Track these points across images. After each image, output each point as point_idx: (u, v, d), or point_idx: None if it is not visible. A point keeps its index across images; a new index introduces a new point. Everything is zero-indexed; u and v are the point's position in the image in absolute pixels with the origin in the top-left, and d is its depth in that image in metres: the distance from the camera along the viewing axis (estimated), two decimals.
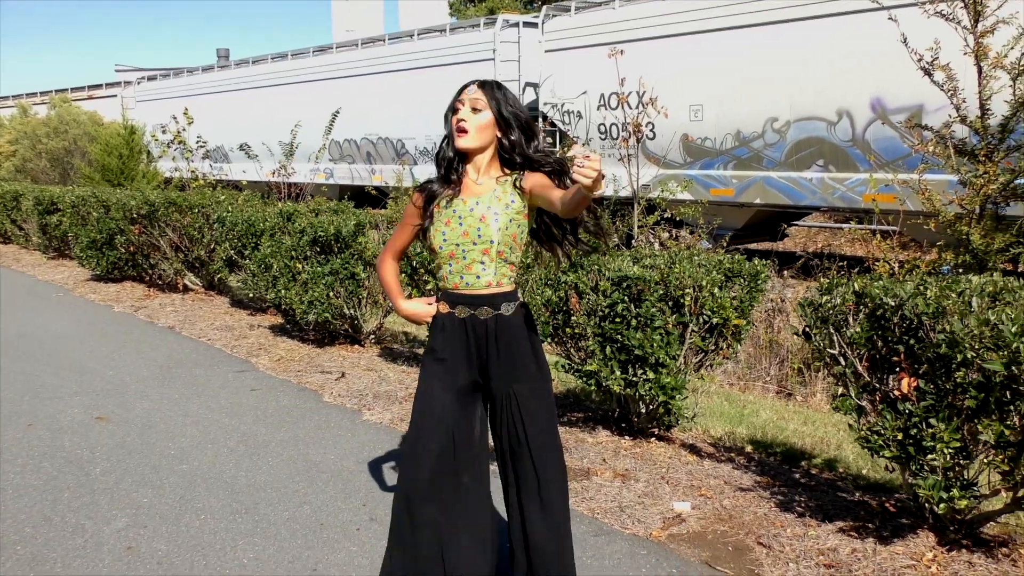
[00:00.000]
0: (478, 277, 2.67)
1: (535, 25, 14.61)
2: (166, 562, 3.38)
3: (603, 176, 2.21)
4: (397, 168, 15.92)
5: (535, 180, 2.66)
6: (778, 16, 10.99)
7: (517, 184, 2.69)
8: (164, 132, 14.15)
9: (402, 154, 17.03)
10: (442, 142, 2.76)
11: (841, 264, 8.23)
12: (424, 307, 2.84)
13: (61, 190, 12.77)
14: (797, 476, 4.23)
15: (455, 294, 2.71)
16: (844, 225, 16.20)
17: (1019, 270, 6.35)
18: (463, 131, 2.64)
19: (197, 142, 13.50)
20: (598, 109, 13.20)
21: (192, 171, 13.61)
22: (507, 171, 2.73)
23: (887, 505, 3.78)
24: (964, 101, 5.84)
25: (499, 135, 2.69)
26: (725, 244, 9.19)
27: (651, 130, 11.94)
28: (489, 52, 14.96)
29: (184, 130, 13.24)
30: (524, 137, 2.69)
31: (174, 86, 24.13)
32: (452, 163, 2.71)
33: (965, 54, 5.81)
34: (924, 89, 6.76)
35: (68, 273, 11.45)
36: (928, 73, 5.93)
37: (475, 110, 2.64)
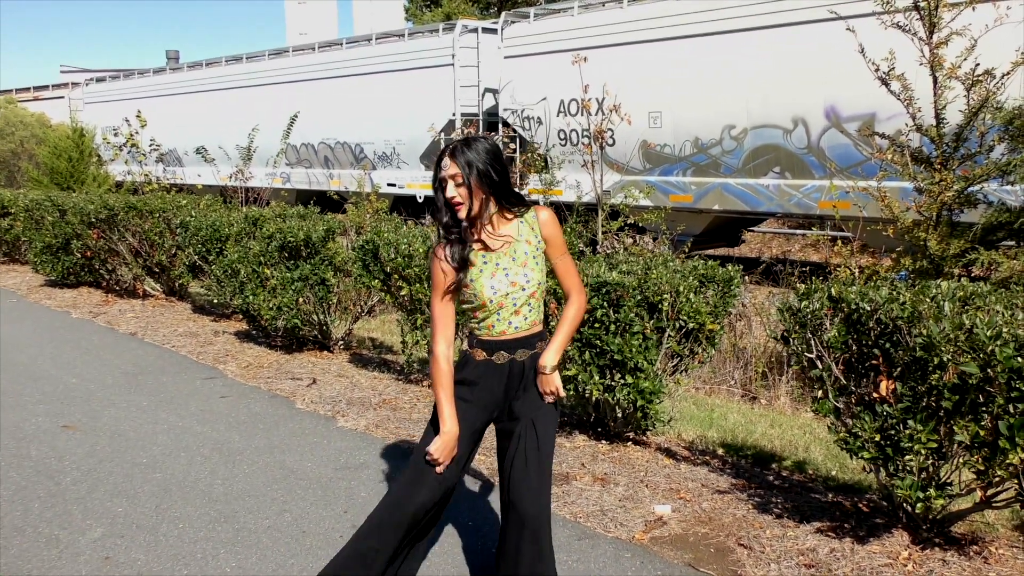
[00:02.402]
0: (525, 319, 2.78)
1: (494, 31, 14.65)
2: (146, 572, 3.33)
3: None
4: (356, 173, 15.84)
5: (548, 230, 2.83)
6: (736, 25, 11.17)
7: (535, 227, 2.80)
8: (116, 135, 13.90)
9: (361, 159, 16.95)
10: (438, 209, 2.77)
11: (803, 270, 8.38)
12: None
13: (12, 193, 12.46)
14: (771, 478, 4.31)
15: (496, 341, 2.78)
16: (799, 231, 16.55)
17: (972, 275, 6.54)
18: (459, 205, 2.71)
19: (150, 145, 13.28)
20: (558, 115, 13.28)
21: (145, 175, 13.38)
22: (509, 215, 2.80)
23: (860, 505, 3.88)
24: (920, 110, 6.01)
25: (486, 189, 2.73)
26: (687, 250, 9.31)
27: (611, 136, 12.05)
28: (448, 57, 14.97)
29: (137, 133, 13.01)
30: (503, 180, 2.75)
31: (124, 88, 23.70)
32: (461, 225, 2.75)
33: (921, 64, 5.98)
34: (877, 98, 6.95)
35: (21, 278, 11.18)
36: (885, 83, 6.09)
37: (458, 184, 2.70)
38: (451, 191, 2.70)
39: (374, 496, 4.00)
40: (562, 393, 2.83)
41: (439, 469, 2.73)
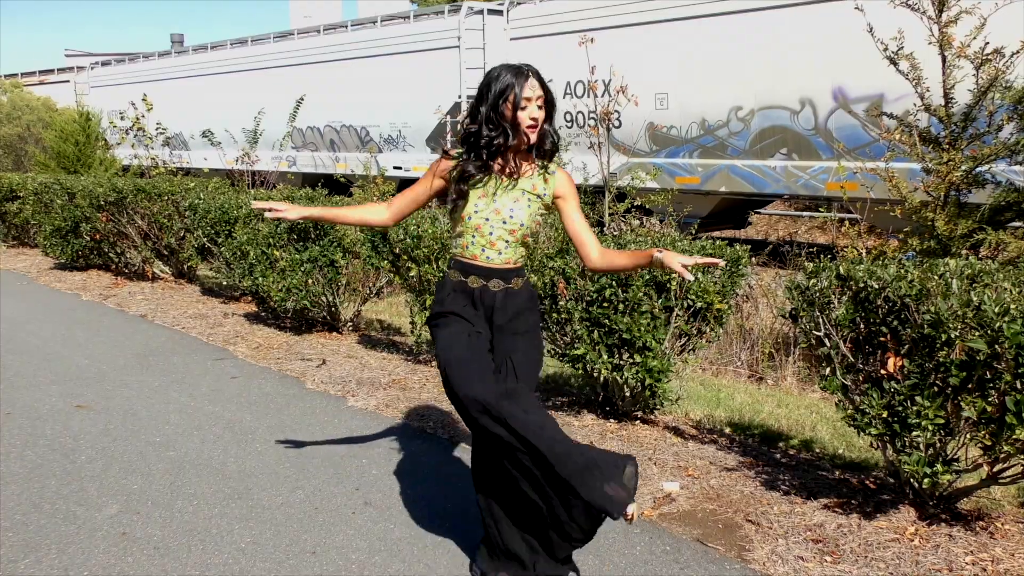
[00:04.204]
0: (499, 253, 2.84)
1: (500, 12, 14.58)
2: (162, 547, 3.38)
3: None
4: (361, 156, 15.82)
5: (563, 188, 2.91)
6: (744, 5, 11.11)
7: (550, 180, 2.87)
8: (122, 118, 13.92)
9: (367, 142, 16.94)
10: (487, 125, 2.77)
11: (810, 251, 8.39)
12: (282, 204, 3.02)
13: (21, 177, 12.51)
14: (778, 456, 4.35)
15: (471, 264, 2.85)
16: (805, 213, 16.52)
17: (980, 255, 6.55)
18: (535, 128, 2.76)
19: (157, 129, 13.30)
20: (564, 97, 13.25)
21: (152, 158, 13.41)
22: (534, 158, 2.87)
23: (867, 482, 3.92)
24: (928, 90, 5.99)
25: (548, 123, 2.81)
26: (694, 231, 9.32)
27: (618, 118, 12.02)
28: (454, 39, 14.92)
29: (143, 116, 13.03)
30: (552, 124, 2.83)
31: (130, 71, 23.66)
32: (500, 151, 2.81)
33: (929, 43, 5.97)
34: (885, 78, 6.94)
35: (30, 261, 11.24)
36: (893, 62, 6.08)
37: (540, 107, 2.76)
38: (535, 111, 2.74)
39: (385, 474, 4.05)
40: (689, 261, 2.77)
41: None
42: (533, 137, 2.77)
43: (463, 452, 4.35)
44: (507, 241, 2.83)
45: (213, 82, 20.57)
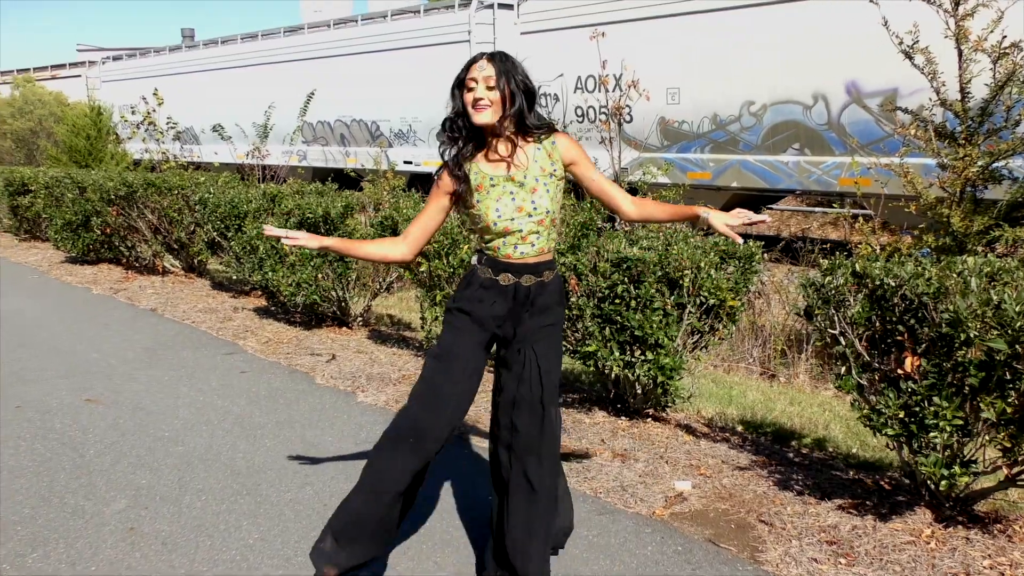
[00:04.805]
0: (533, 246, 2.77)
1: (510, 7, 14.54)
2: (170, 542, 3.36)
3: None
4: (371, 151, 15.80)
5: (571, 154, 2.83)
6: None
7: (554, 153, 2.80)
8: (133, 113, 13.93)
9: (377, 136, 16.92)
10: (451, 117, 2.79)
11: (823, 247, 8.32)
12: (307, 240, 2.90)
13: (33, 171, 12.53)
14: (791, 455, 4.30)
15: (504, 262, 2.78)
16: (817, 209, 16.42)
17: (996, 252, 6.48)
18: (481, 108, 2.68)
19: (168, 123, 13.30)
20: (575, 91, 13.19)
21: (163, 152, 13.42)
22: (525, 136, 2.79)
23: (882, 483, 3.87)
24: (944, 84, 5.92)
25: (510, 106, 2.72)
26: (706, 228, 9.24)
27: (629, 113, 11.95)
28: (464, 34, 14.88)
29: (154, 111, 13.04)
30: (528, 104, 2.74)
31: (141, 66, 23.71)
32: (467, 134, 2.77)
33: (946, 37, 5.89)
34: (899, 73, 6.87)
35: (42, 255, 11.26)
36: (909, 56, 6.00)
37: (489, 87, 2.67)
38: (480, 92, 2.66)
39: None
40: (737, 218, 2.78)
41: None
42: (479, 118, 2.67)
43: (471, 450, 4.32)
44: (538, 232, 2.76)
45: (223, 77, 20.58)
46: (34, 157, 20.89)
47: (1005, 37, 5.65)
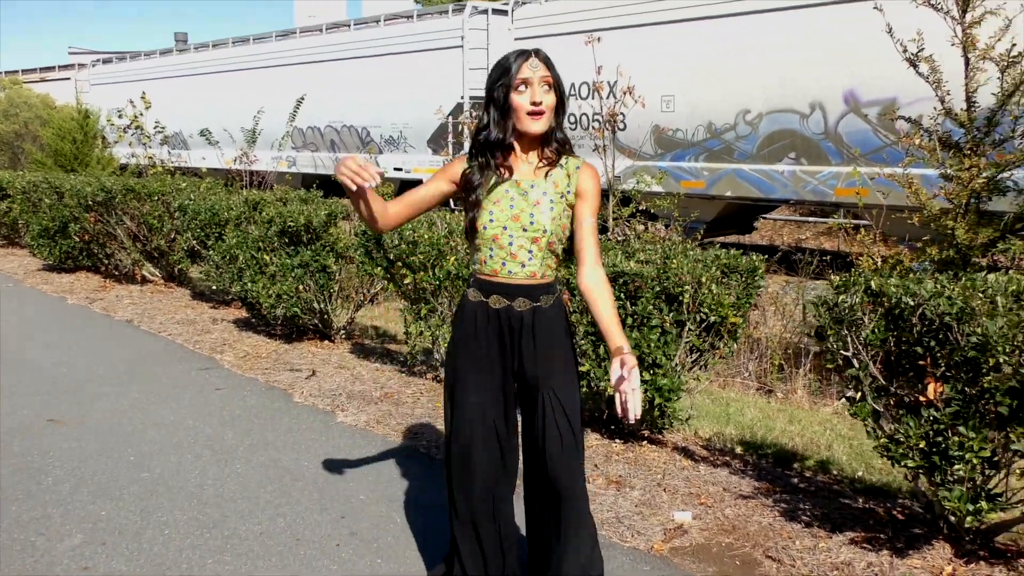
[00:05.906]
0: (523, 266, 2.46)
1: (504, 12, 14.33)
2: None
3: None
4: (361, 157, 15.53)
5: (587, 185, 2.50)
6: (753, 6, 10.84)
7: (573, 175, 2.49)
8: (120, 116, 13.63)
9: (367, 142, 16.67)
10: (487, 123, 2.46)
11: (823, 259, 8.11)
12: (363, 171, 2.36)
13: (11, 175, 12.22)
14: (795, 480, 4.05)
15: (491, 282, 2.49)
16: (811, 219, 16.22)
17: (1000, 267, 6.27)
18: (539, 114, 2.39)
19: (155, 127, 13.01)
20: (569, 98, 12.97)
21: (149, 157, 13.13)
22: (550, 152, 2.50)
23: (895, 513, 3.62)
24: (948, 93, 5.71)
25: (562, 112, 2.47)
26: (700, 237, 9.02)
27: (623, 121, 11.73)
28: (458, 39, 14.65)
29: (141, 115, 12.74)
30: (564, 111, 2.48)
31: (131, 69, 23.42)
32: (504, 148, 2.46)
33: (952, 45, 5.69)
34: (898, 82, 6.66)
35: (18, 262, 10.95)
36: (913, 64, 5.79)
37: (546, 90, 2.40)
38: (539, 94, 2.37)
39: (373, 500, 3.75)
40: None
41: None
42: (535, 126, 2.38)
43: None
44: (530, 251, 2.44)
45: (215, 81, 20.32)
46: (18, 161, 20.55)
47: (1014, 45, 5.44)
